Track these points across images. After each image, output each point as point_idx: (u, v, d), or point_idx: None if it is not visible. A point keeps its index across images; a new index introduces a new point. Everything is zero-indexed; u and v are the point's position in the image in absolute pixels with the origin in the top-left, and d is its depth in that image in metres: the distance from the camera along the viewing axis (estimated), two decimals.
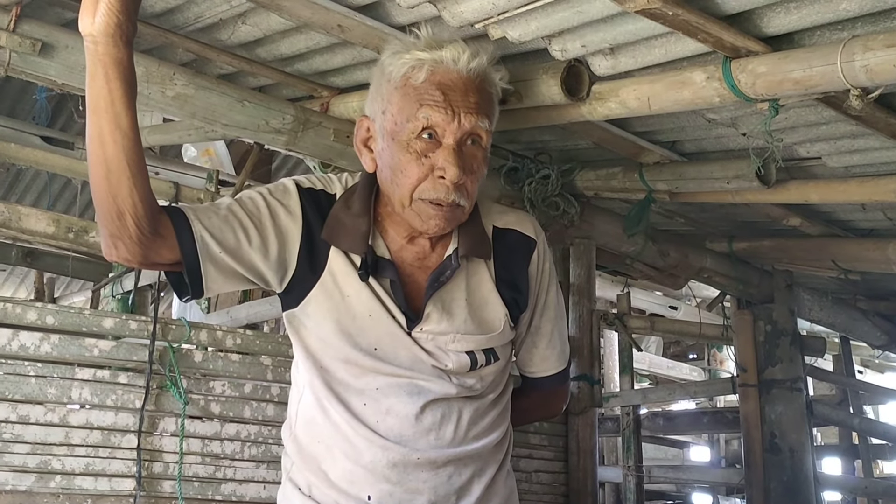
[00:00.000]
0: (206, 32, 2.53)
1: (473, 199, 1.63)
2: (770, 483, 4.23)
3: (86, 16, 1.36)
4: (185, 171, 4.47)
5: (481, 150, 1.61)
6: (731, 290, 4.44)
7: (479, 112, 1.58)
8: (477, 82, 1.60)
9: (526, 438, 3.20)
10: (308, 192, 1.65)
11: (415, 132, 1.56)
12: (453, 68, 1.58)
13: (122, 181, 1.40)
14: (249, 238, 1.56)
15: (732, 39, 1.96)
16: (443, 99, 1.56)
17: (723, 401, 7.69)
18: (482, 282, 1.68)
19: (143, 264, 1.51)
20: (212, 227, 1.53)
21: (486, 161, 1.63)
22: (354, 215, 1.62)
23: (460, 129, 1.56)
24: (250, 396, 2.64)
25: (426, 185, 1.57)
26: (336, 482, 1.59)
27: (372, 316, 1.60)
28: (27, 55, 2.27)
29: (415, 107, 1.56)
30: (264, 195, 1.62)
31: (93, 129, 1.40)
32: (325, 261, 1.61)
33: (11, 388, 2.32)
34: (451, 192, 1.56)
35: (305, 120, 2.67)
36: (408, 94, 1.58)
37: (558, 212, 3.25)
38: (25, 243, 4.99)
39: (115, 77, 1.37)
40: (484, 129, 1.59)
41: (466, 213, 1.63)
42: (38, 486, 2.32)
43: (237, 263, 1.56)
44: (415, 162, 1.56)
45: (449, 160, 1.55)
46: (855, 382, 5.85)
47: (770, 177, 2.84)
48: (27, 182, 6.58)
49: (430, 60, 1.58)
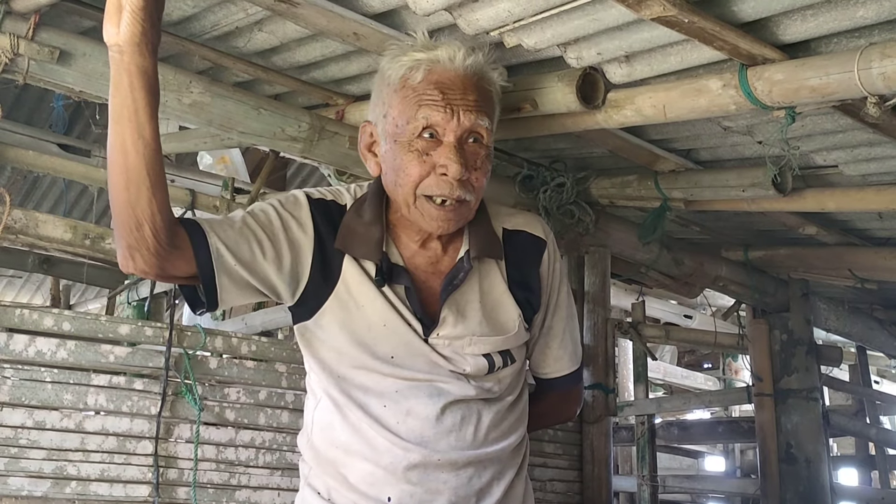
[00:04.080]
0: (223, 40, 2.55)
1: (480, 195, 1.63)
2: (786, 494, 4.20)
3: (110, 25, 1.36)
4: (201, 178, 4.48)
5: (483, 147, 1.61)
6: (746, 299, 4.42)
7: (478, 110, 1.58)
8: (474, 80, 1.60)
9: (541, 447, 3.19)
10: (318, 203, 1.65)
11: (415, 132, 1.57)
12: (450, 67, 1.59)
13: (141, 191, 1.40)
14: (264, 251, 1.56)
15: (749, 47, 1.95)
16: (441, 98, 1.57)
17: (738, 410, 7.66)
18: (495, 283, 1.68)
19: (160, 276, 1.50)
20: (227, 239, 1.53)
21: (489, 158, 1.63)
22: (367, 223, 1.62)
23: (460, 127, 1.57)
24: (265, 403, 2.64)
25: (429, 181, 1.57)
26: (356, 484, 1.58)
27: (387, 325, 1.59)
28: (45, 63, 2.29)
29: (414, 108, 1.58)
30: (276, 208, 1.62)
31: (115, 139, 1.40)
32: (338, 272, 1.61)
33: (28, 393, 2.33)
34: (455, 189, 1.56)
35: (321, 128, 2.68)
36: (407, 96, 1.59)
37: (573, 220, 3.25)
38: (42, 250, 5.02)
39: (140, 86, 1.38)
40: (484, 127, 1.59)
41: (472, 209, 1.63)
42: (54, 491, 2.33)
43: (251, 276, 1.56)
44: (416, 160, 1.57)
45: (450, 157, 1.55)
46: (871, 392, 5.81)
47: (786, 185, 2.83)
48: (44, 189, 6.61)
49: (427, 60, 1.60)
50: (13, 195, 2.78)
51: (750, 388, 4.48)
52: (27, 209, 3.59)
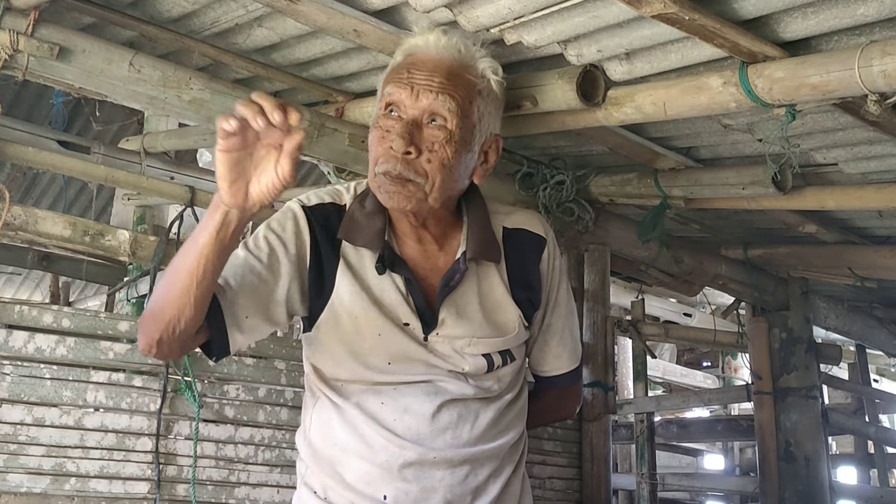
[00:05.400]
0: (222, 37, 2.54)
1: (436, 180, 1.57)
2: (785, 492, 4.21)
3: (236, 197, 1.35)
4: (201, 175, 4.47)
5: (444, 131, 1.56)
6: (746, 297, 4.42)
7: (441, 91, 1.56)
8: (448, 63, 1.60)
9: (540, 445, 3.19)
10: (316, 209, 1.65)
11: (381, 109, 1.60)
12: (425, 49, 1.62)
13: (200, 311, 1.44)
14: (270, 292, 1.57)
15: (749, 44, 1.95)
16: (406, 76, 1.58)
17: (737, 409, 7.67)
18: (494, 285, 1.67)
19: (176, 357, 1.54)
20: (235, 298, 1.53)
21: (449, 144, 1.57)
22: (369, 214, 1.62)
23: (416, 105, 1.56)
24: (264, 400, 2.64)
25: (381, 157, 1.57)
26: (352, 483, 1.58)
27: (382, 335, 1.59)
28: (45, 59, 2.28)
29: (384, 86, 1.62)
30: (275, 231, 1.61)
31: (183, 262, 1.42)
32: (332, 284, 1.61)
33: (27, 390, 2.34)
34: (397, 164, 1.54)
35: (320, 125, 2.68)
36: (385, 79, 1.63)
37: (573, 217, 3.24)
38: (41, 247, 5.01)
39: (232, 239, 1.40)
40: (447, 110, 1.56)
41: (428, 193, 1.57)
42: (53, 488, 2.33)
43: (263, 321, 1.58)
44: (379, 138, 1.58)
45: (395, 130, 1.55)
46: (871, 391, 5.82)
47: (786, 183, 2.83)
48: (43, 186, 6.61)
49: (411, 45, 1.64)
50: (13, 192, 2.78)
51: (749, 387, 4.49)
52: (27, 206, 3.59)
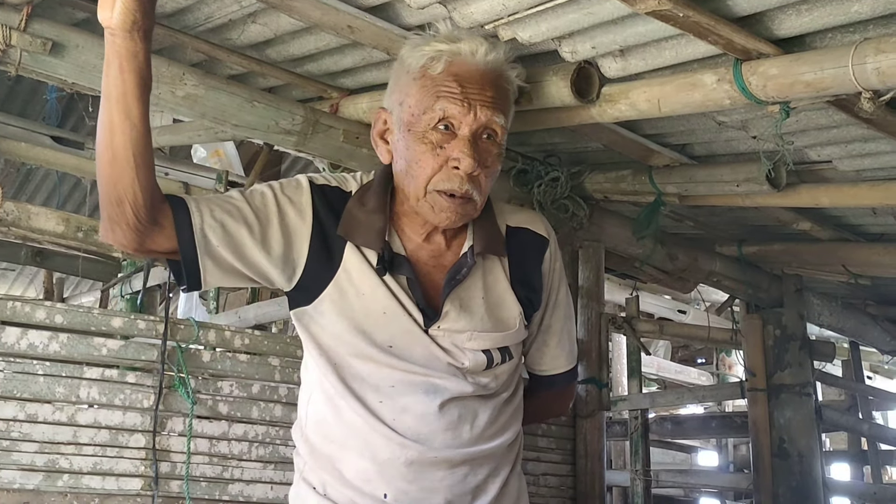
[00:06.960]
0: (217, 33, 2.54)
1: (486, 194, 1.63)
2: (778, 488, 4.21)
3: (105, 8, 1.37)
4: (195, 171, 4.47)
5: (496, 145, 1.61)
6: (740, 294, 4.42)
7: (494, 106, 1.58)
8: (493, 77, 1.60)
9: (534, 441, 3.19)
10: (321, 188, 1.64)
11: (431, 123, 1.57)
12: (471, 61, 1.59)
13: (125, 170, 1.42)
14: (253, 235, 1.55)
15: (743, 41, 1.95)
16: (460, 91, 1.56)
17: (731, 405, 7.67)
18: (498, 280, 1.68)
19: (138, 251, 1.52)
20: (213, 221, 1.52)
21: (499, 158, 1.63)
22: (369, 212, 1.62)
23: (476, 122, 1.57)
24: (258, 397, 2.64)
25: (440, 175, 1.56)
26: (351, 481, 1.58)
27: (387, 313, 1.59)
28: (38, 54, 2.28)
29: (432, 98, 1.57)
30: (275, 191, 1.61)
31: (104, 116, 1.42)
32: (339, 258, 1.60)
33: (20, 386, 2.33)
34: (464, 183, 1.56)
35: (315, 121, 2.68)
36: (425, 86, 1.59)
37: (567, 214, 3.25)
38: (35, 243, 5.00)
39: (130, 69, 1.39)
40: (499, 125, 1.59)
41: (478, 208, 1.62)
42: (46, 484, 2.32)
43: (237, 260, 1.54)
44: (430, 153, 1.57)
45: (464, 151, 1.55)
46: (864, 388, 5.83)
47: (780, 180, 2.83)
48: (37, 182, 6.60)
49: (449, 52, 1.59)
50: (6, 187, 2.77)
51: (743, 383, 4.49)
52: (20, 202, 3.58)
